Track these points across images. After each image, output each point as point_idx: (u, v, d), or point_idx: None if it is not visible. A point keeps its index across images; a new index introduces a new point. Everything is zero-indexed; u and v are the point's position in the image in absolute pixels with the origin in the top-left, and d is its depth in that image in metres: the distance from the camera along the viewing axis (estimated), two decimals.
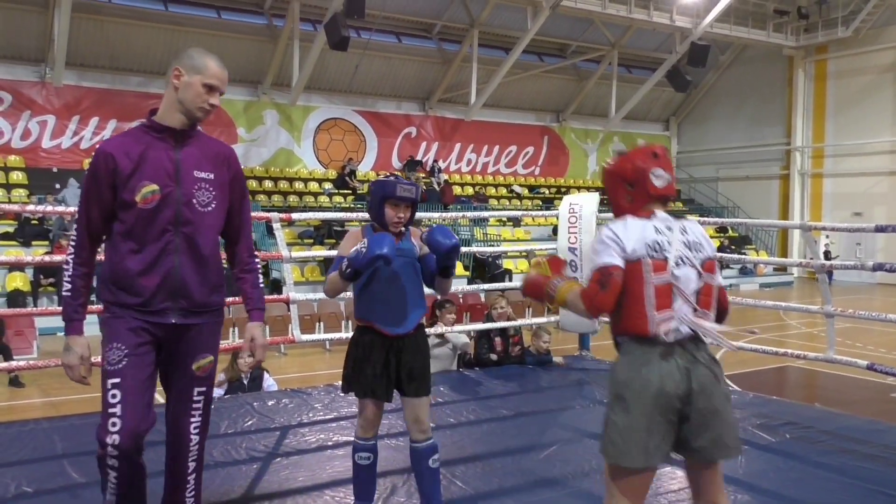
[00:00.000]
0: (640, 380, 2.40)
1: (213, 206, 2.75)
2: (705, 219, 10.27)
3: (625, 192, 2.57)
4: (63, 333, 2.76)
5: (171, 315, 2.70)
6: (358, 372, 3.35)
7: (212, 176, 2.75)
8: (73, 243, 2.73)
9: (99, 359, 2.72)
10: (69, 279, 2.72)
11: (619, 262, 2.44)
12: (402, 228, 3.41)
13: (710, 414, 2.45)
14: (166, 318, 2.69)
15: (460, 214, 14.12)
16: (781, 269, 23.57)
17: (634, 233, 2.47)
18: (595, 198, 6.79)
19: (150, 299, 2.66)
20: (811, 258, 5.71)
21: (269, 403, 5.33)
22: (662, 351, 2.43)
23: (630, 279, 2.44)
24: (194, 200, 2.69)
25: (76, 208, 2.82)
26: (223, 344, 3.53)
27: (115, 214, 2.67)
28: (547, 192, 24.04)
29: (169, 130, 2.69)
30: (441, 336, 6.37)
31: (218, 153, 2.81)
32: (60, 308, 2.75)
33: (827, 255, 20.27)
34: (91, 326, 2.76)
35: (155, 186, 2.63)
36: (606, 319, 2.63)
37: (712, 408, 2.44)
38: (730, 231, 24.32)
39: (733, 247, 22.85)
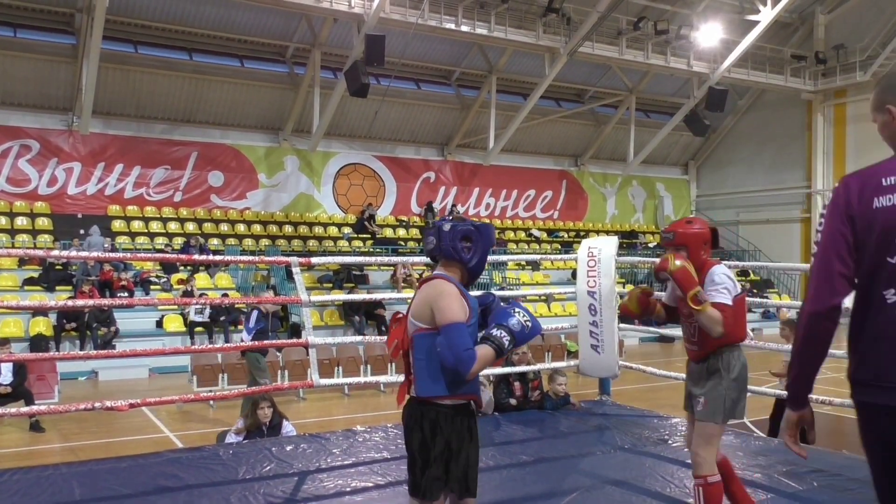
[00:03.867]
0: (744, 367, 3.73)
1: None
2: (727, 262, 10.21)
3: (704, 249, 3.90)
4: (84, 377, 2.62)
5: None
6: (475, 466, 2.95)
7: None
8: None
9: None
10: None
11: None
12: None
13: None
14: None
15: None
16: None
17: (732, 275, 3.80)
18: (614, 241, 6.77)
19: None
20: None
21: (288, 448, 5.31)
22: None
23: (739, 306, 3.73)
24: None
25: (99, 253, 2.66)
26: (241, 388, 3.50)
27: None
28: (566, 235, 24.04)
29: None
30: None
31: None
32: (85, 353, 2.48)
33: None
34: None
35: None
36: (629, 364, 3.03)
37: None
38: (751, 275, 24.13)
39: (755, 290, 22.61)
